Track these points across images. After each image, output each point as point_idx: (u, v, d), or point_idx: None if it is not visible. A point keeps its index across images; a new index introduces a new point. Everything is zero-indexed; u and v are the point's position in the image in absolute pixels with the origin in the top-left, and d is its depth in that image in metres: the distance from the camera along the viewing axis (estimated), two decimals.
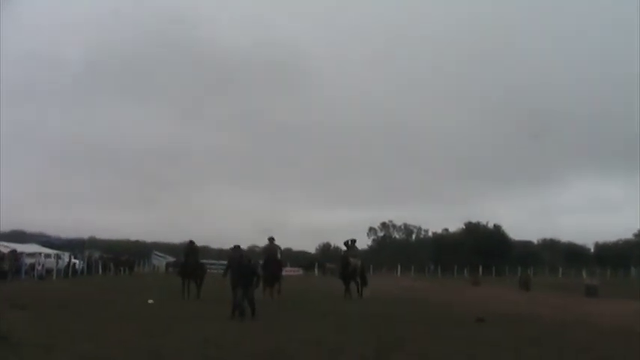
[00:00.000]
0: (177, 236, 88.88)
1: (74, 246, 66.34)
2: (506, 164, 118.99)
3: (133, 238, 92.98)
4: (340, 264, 24.21)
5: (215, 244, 75.66)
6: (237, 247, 19.30)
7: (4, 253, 37.36)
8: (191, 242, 23.69)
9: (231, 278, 15.85)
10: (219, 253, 64.84)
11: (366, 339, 11.17)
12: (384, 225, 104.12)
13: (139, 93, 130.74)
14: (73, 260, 45.77)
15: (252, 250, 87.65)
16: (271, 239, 22.36)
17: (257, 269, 16.39)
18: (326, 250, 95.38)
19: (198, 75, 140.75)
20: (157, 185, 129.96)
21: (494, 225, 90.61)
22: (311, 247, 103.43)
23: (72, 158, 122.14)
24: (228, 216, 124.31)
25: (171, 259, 64.12)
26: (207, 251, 62.50)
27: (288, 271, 60.57)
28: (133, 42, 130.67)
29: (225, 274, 17.49)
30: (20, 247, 42.52)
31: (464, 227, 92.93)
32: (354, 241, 24.41)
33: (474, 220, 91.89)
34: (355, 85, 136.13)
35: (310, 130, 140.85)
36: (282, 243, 23.24)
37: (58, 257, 44.39)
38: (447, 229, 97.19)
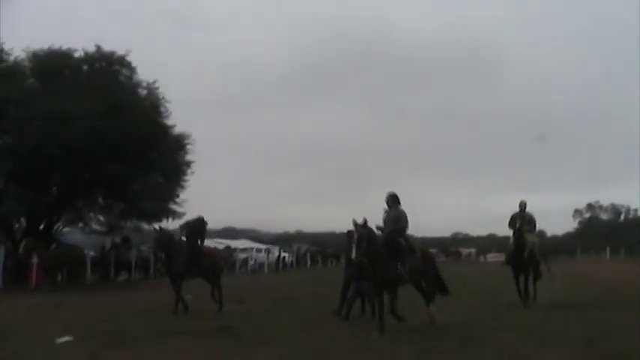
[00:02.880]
0: None
1: (282, 240, 70.37)
2: None
3: (338, 230, 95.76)
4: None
5: (418, 233, 77.18)
6: (351, 232, 11.54)
7: (220, 250, 40.63)
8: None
9: (345, 270, 13.13)
10: (423, 242, 67.02)
11: (573, 327, 10.71)
12: (589, 206, 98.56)
13: (337, 94, 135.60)
14: (282, 254, 48.44)
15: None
16: (392, 197, 11.60)
17: None
18: None
19: (393, 72, 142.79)
20: (357, 179, 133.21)
21: None
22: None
23: (276, 159, 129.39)
24: (431, 206, 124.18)
25: None
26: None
27: (492, 257, 58.95)
28: (330, 45, 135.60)
29: (349, 267, 12.75)
30: (233, 244, 46.03)
31: None
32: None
33: None
34: (550, 67, 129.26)
35: (510, 115, 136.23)
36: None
37: (268, 252, 47.01)
38: None
